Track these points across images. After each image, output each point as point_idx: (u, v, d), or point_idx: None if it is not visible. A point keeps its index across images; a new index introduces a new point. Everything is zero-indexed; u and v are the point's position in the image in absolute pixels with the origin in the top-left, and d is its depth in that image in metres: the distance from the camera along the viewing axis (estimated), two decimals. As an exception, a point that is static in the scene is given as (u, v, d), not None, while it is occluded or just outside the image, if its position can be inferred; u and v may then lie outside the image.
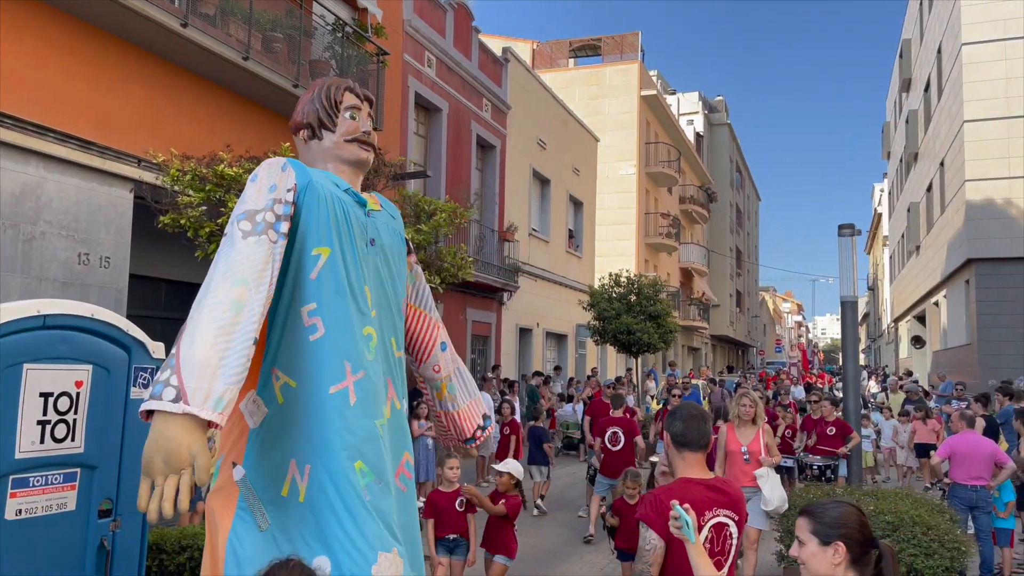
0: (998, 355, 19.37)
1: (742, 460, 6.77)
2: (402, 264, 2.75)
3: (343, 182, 2.61)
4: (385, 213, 2.74)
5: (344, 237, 2.49)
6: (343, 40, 11.00)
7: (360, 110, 2.71)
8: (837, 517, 2.32)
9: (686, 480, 2.94)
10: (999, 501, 7.46)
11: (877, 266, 60.06)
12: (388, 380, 2.57)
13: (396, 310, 2.68)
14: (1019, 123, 19.83)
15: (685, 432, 2.99)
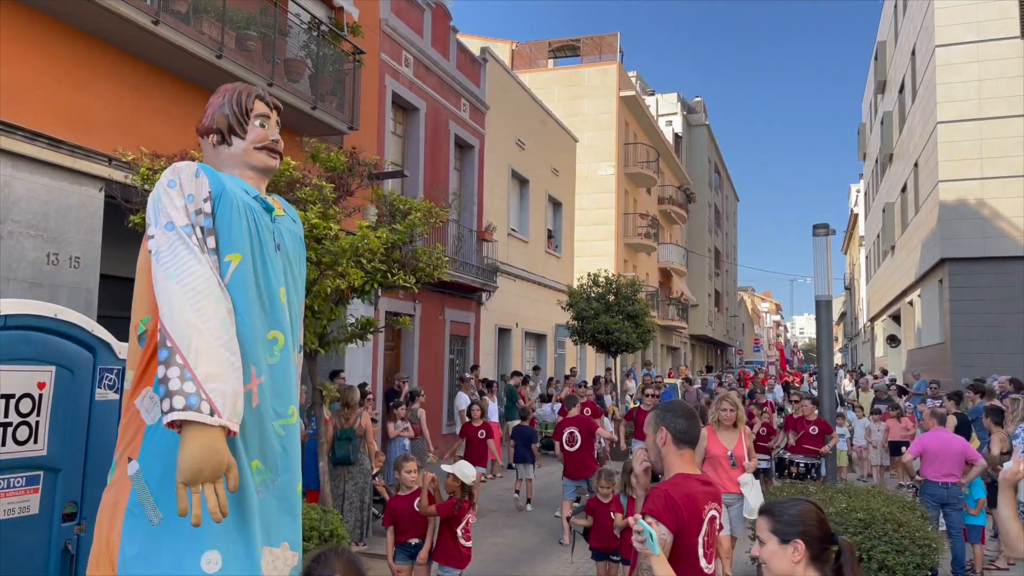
0: (971, 353, 19.62)
1: (728, 464, 6.62)
2: (302, 267, 2.84)
3: (252, 188, 2.69)
4: (287, 218, 2.83)
5: (255, 243, 2.58)
6: (319, 39, 10.93)
7: (269, 118, 2.81)
8: (796, 515, 2.33)
9: (684, 476, 2.98)
10: (970, 498, 7.55)
11: (854, 266, 60.66)
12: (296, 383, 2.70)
13: (297, 313, 2.79)
14: (992, 124, 20.10)
15: (688, 430, 3.04)
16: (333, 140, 11.56)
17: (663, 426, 3.07)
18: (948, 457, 7.30)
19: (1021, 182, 19.67)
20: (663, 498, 2.87)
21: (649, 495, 2.94)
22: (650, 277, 35.88)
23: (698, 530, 2.88)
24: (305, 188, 6.77)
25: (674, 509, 2.83)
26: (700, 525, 2.89)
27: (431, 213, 7.79)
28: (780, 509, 2.39)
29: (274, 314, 2.60)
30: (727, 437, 6.71)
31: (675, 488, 2.91)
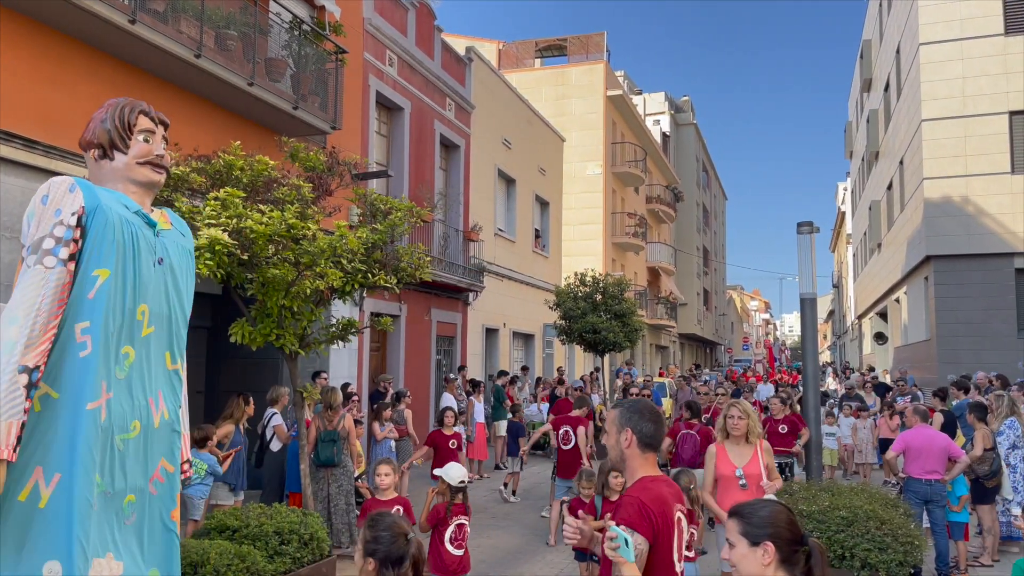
0: (956, 350, 19.71)
1: (737, 487, 5.42)
2: (189, 279, 2.96)
3: (133, 203, 2.79)
4: (175, 231, 2.93)
5: (127, 259, 2.68)
6: (300, 38, 10.85)
7: (154, 133, 2.91)
8: (765, 517, 2.30)
9: (652, 479, 2.90)
10: (952, 495, 7.55)
11: (841, 264, 60.93)
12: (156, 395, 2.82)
13: (179, 324, 2.91)
14: (975, 122, 20.20)
15: (655, 434, 2.95)
16: (316, 140, 11.48)
17: (628, 427, 2.95)
18: (931, 454, 7.29)
19: (1005, 179, 19.77)
20: (637, 506, 2.78)
21: (621, 503, 2.86)
22: (638, 276, 35.91)
23: (671, 533, 2.81)
24: (283, 188, 6.70)
25: (648, 516, 2.76)
26: (672, 528, 2.82)
27: (412, 213, 7.74)
28: (750, 511, 2.35)
29: (129, 330, 2.70)
30: (738, 452, 5.56)
31: (646, 493, 2.83)
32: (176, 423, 2.93)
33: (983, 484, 7.86)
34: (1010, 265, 19.60)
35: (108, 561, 2.60)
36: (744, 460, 5.53)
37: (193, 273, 3.02)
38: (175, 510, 2.91)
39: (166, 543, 2.85)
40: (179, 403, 2.95)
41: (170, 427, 2.89)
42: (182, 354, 2.94)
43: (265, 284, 6.61)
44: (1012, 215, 19.59)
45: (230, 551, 5.39)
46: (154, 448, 2.80)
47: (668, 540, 2.80)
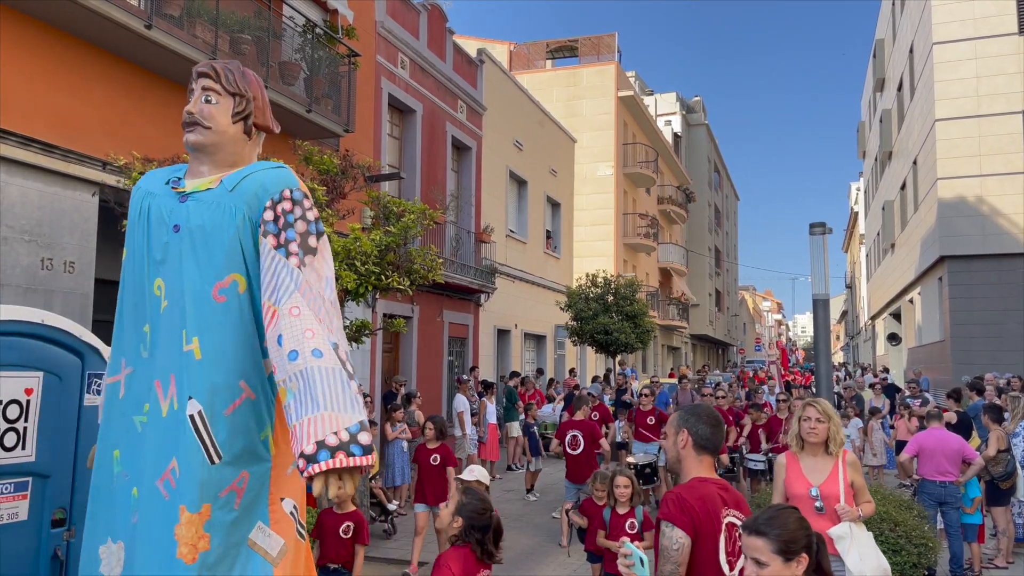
0: (971, 351, 19.59)
1: (812, 509, 4.28)
2: (218, 242, 2.47)
3: (179, 171, 2.64)
4: (221, 189, 2.53)
5: (138, 233, 2.56)
6: (313, 42, 10.92)
7: (192, 92, 2.62)
8: (794, 531, 2.28)
9: (701, 479, 2.93)
10: (966, 497, 7.52)
11: (855, 264, 60.61)
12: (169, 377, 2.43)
13: (195, 299, 2.45)
14: (989, 121, 20.08)
15: (712, 437, 2.99)
16: (329, 143, 11.55)
17: (685, 428, 3.01)
18: (945, 456, 7.27)
19: (1020, 179, 19.64)
20: (677, 501, 2.80)
21: (663, 499, 2.89)
22: (650, 277, 35.86)
23: (716, 534, 2.79)
24: (298, 191, 6.75)
25: (689, 512, 2.76)
26: (719, 529, 2.80)
27: (425, 215, 7.78)
28: (773, 527, 2.29)
29: (146, 307, 2.51)
30: (814, 466, 4.41)
31: (690, 491, 2.85)
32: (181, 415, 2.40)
33: (998, 486, 7.83)
34: (1025, 265, 19.47)
35: (115, 550, 2.44)
36: (821, 476, 4.35)
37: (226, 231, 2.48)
38: (177, 526, 2.37)
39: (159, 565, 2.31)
40: (200, 392, 2.39)
41: (179, 418, 2.39)
42: (195, 333, 2.43)
43: (280, 286, 6.67)
44: (1027, 215, 19.47)
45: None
46: (163, 441, 2.39)
47: (712, 539, 2.78)
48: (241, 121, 2.63)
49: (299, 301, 2.35)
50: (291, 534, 2.52)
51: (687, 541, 2.73)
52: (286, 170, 2.58)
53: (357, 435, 2.17)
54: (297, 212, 2.48)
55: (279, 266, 2.40)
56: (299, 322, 2.30)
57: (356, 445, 2.15)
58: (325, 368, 2.24)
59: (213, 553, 2.32)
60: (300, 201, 2.50)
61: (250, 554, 2.41)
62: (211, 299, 2.43)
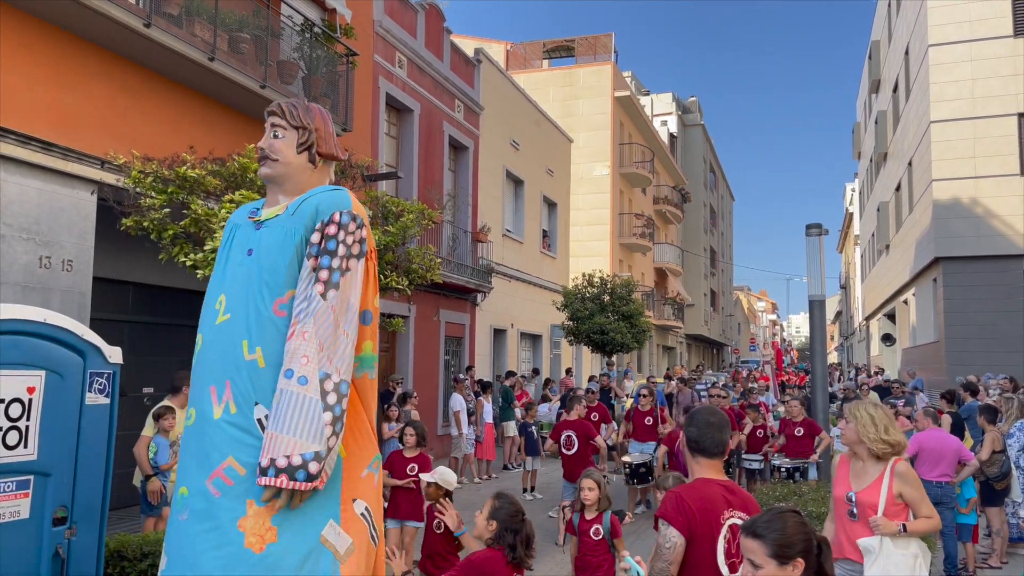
0: (965, 352, 19.66)
1: (845, 514, 4.11)
2: (279, 262, 2.71)
3: (261, 203, 2.95)
4: (285, 215, 2.78)
5: (221, 259, 2.87)
6: (311, 41, 10.92)
7: (265, 131, 2.92)
8: (791, 534, 2.26)
9: (705, 480, 2.95)
10: (961, 497, 7.57)
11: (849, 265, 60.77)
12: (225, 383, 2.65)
13: (259, 313, 2.68)
14: (984, 123, 20.16)
15: (699, 439, 3.01)
16: (327, 142, 11.55)
17: (683, 431, 3.09)
18: (943, 456, 7.32)
19: (1015, 180, 19.73)
20: (675, 501, 2.83)
21: (664, 498, 2.93)
22: (646, 277, 35.91)
23: (715, 535, 2.79)
24: (297, 190, 6.77)
25: (685, 512, 2.78)
26: (718, 531, 2.80)
27: (424, 215, 7.80)
28: (770, 530, 2.28)
29: (205, 318, 2.82)
30: (862, 470, 4.14)
31: (690, 492, 2.87)
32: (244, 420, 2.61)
33: (992, 486, 7.88)
34: (1019, 267, 19.54)
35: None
36: (864, 482, 4.09)
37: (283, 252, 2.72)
38: (243, 519, 2.53)
39: (228, 556, 2.50)
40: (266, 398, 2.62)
41: (240, 422, 2.61)
42: (256, 344, 2.66)
43: (279, 286, 6.68)
44: (1021, 217, 19.54)
45: (245, 549, 5.45)
46: (214, 442, 2.61)
47: (710, 541, 2.79)
48: (305, 151, 2.89)
49: (310, 327, 2.60)
50: (363, 536, 2.72)
51: (680, 541, 2.75)
52: (341, 192, 2.79)
53: (308, 463, 2.47)
54: (340, 236, 2.71)
55: (308, 289, 2.65)
56: (303, 346, 2.57)
57: (302, 471, 2.46)
58: (304, 396, 2.53)
59: (280, 544, 2.52)
60: (345, 225, 2.72)
61: (321, 550, 2.58)
62: (272, 314, 2.68)
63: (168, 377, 8.01)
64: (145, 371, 10.07)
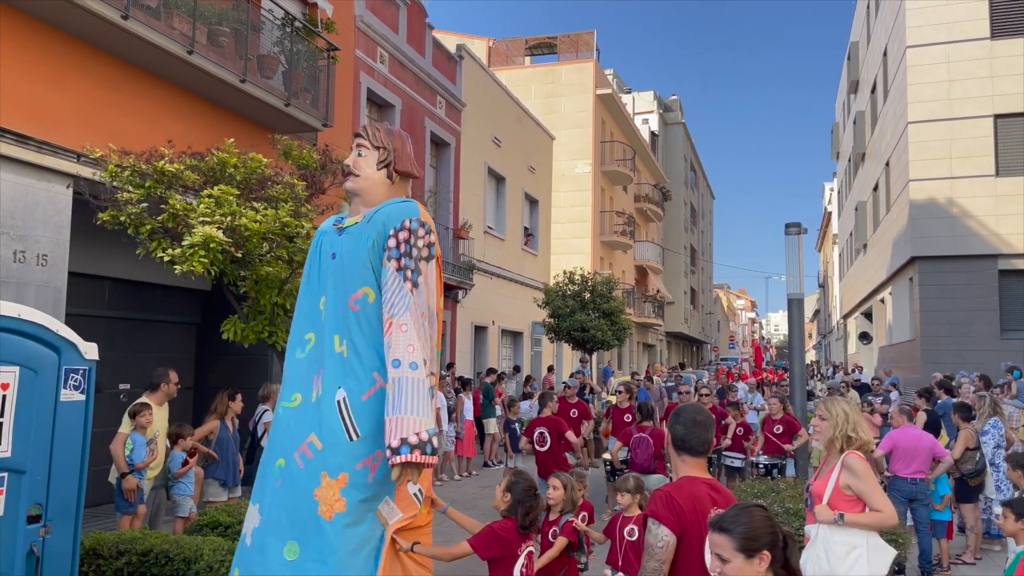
0: (940, 350, 19.92)
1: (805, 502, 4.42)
2: (354, 262, 3.14)
3: (344, 213, 3.42)
4: (363, 222, 3.21)
5: (313, 263, 3.33)
6: (292, 35, 10.84)
7: (352, 150, 3.41)
8: (757, 528, 2.32)
9: (691, 479, 2.97)
10: (935, 494, 7.66)
11: (827, 264, 61.33)
12: (320, 371, 3.16)
13: (345, 309, 3.15)
14: (960, 124, 20.40)
15: (686, 438, 3.02)
16: (307, 137, 11.48)
17: (669, 430, 3.10)
18: (918, 454, 7.40)
19: (989, 181, 19.99)
20: (665, 499, 2.85)
21: (652, 496, 2.93)
22: (626, 275, 36.03)
23: (703, 533, 2.80)
24: (276, 186, 6.72)
25: (676, 511, 2.80)
26: (705, 529, 2.79)
27: (405, 211, 7.77)
28: (738, 525, 2.33)
29: (314, 318, 3.26)
30: (828, 463, 4.32)
31: (678, 490, 2.89)
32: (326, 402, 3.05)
33: (967, 483, 7.98)
34: (993, 267, 19.82)
35: (254, 511, 3.14)
36: (822, 474, 4.27)
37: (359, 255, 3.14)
38: (318, 489, 2.96)
39: (310, 519, 2.95)
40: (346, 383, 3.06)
41: (322, 404, 3.06)
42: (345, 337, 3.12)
43: (258, 282, 6.64)
44: (996, 217, 19.82)
45: (223, 547, 5.41)
46: (306, 421, 3.08)
47: (699, 539, 2.81)
48: (384, 168, 3.32)
49: (407, 319, 3.02)
50: (412, 510, 3.15)
51: (672, 539, 2.77)
52: (410, 204, 3.23)
53: (432, 438, 2.89)
54: (412, 240, 3.12)
55: (397, 287, 3.07)
56: (405, 337, 2.98)
57: (429, 445, 2.88)
58: (416, 379, 2.95)
59: (348, 515, 2.96)
60: (415, 230, 3.13)
61: (377, 523, 3.04)
62: (349, 308, 3.13)
63: (146, 373, 7.93)
64: (122, 367, 9.96)
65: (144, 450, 6.58)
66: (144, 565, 5.30)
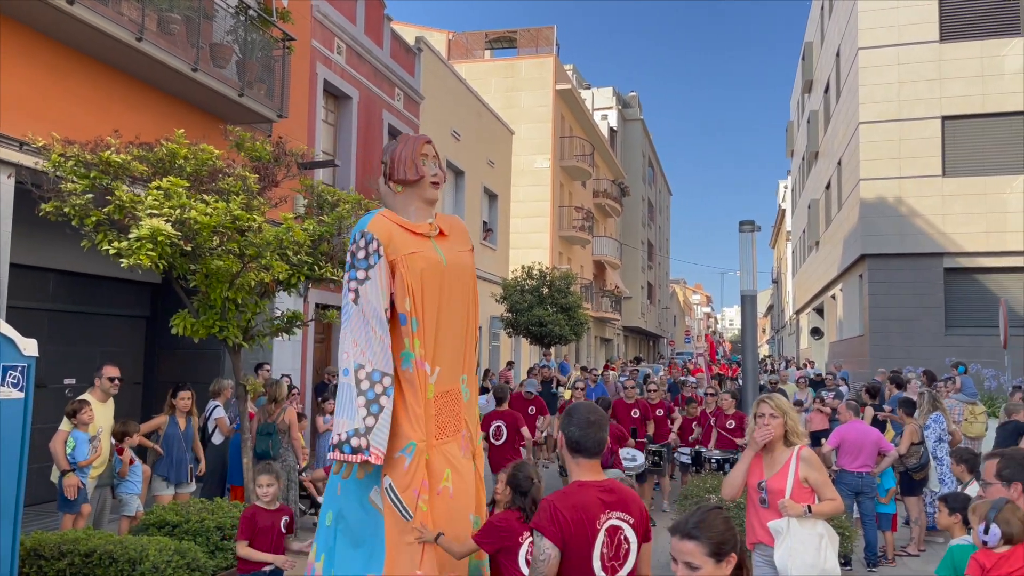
0: (888, 346, 20.41)
1: (757, 501, 4.37)
2: None
3: None
4: None
5: None
6: (246, 24, 10.64)
7: None
8: (723, 532, 2.31)
9: (580, 484, 2.88)
10: (881, 487, 7.84)
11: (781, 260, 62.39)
12: None
13: None
14: (910, 125, 20.88)
15: (581, 440, 2.91)
16: (261, 128, 11.29)
17: (562, 431, 2.98)
18: (864, 448, 7.57)
19: (936, 181, 20.51)
20: (548, 511, 2.76)
21: (538, 507, 2.86)
22: (584, 270, 36.22)
23: (590, 541, 2.75)
24: (228, 178, 6.59)
25: (558, 522, 2.72)
26: (593, 536, 2.76)
27: (360, 205, 7.69)
28: (704, 529, 2.30)
29: None
30: (773, 459, 4.35)
31: (563, 499, 2.80)
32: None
33: (911, 476, 8.19)
34: (939, 264, 20.36)
35: None
36: (774, 470, 4.29)
37: None
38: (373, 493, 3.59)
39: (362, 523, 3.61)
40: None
41: None
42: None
43: (209, 276, 6.50)
44: (942, 217, 20.35)
45: (170, 547, 5.31)
46: None
47: (585, 547, 2.74)
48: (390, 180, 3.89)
49: (346, 329, 3.51)
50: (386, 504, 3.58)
51: (555, 552, 2.70)
52: (365, 217, 3.66)
53: (350, 439, 3.40)
54: (352, 251, 3.56)
55: (344, 299, 3.58)
56: (343, 345, 3.48)
57: (347, 445, 3.40)
58: (345, 384, 3.46)
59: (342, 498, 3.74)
60: (356, 241, 3.57)
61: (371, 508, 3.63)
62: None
63: (93, 367, 7.74)
64: (67, 361, 9.71)
65: (87, 447, 6.42)
66: (87, 566, 5.18)
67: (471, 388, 4.04)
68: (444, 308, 3.80)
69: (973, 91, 20.25)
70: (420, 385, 3.63)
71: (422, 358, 3.65)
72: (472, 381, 4.05)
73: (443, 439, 3.77)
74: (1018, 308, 19.22)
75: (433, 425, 3.71)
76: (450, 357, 3.83)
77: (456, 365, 3.88)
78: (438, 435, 3.74)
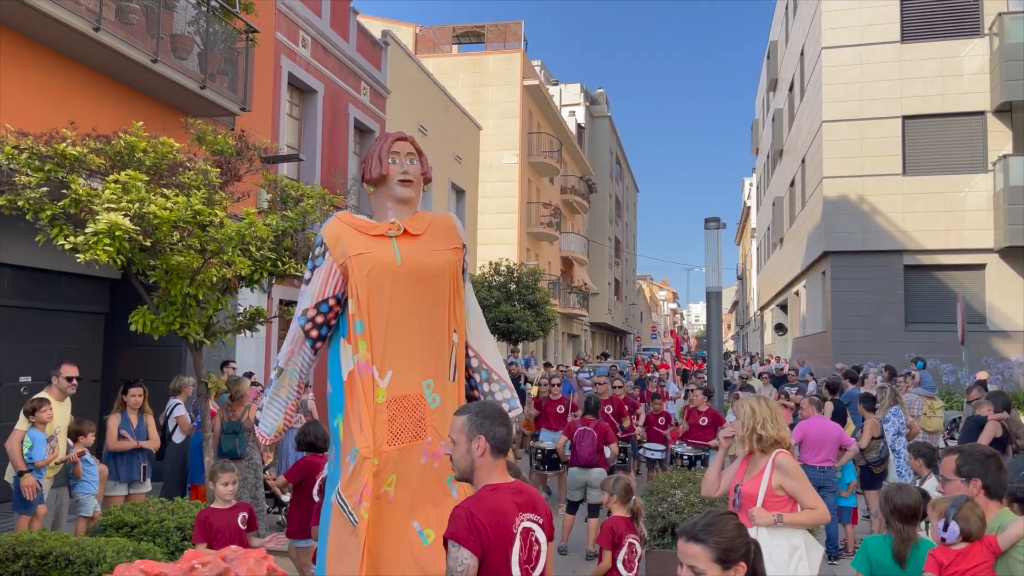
0: (850, 342, 20.75)
1: (731, 505, 4.24)
2: None
3: None
4: None
5: None
6: (208, 15, 10.45)
7: None
8: (733, 538, 2.25)
9: (493, 488, 2.77)
10: (842, 482, 7.96)
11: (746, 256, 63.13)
12: None
13: None
14: (871, 124, 21.23)
15: (507, 438, 2.83)
16: (224, 122, 11.11)
17: (482, 435, 2.80)
18: (825, 443, 7.67)
19: (896, 180, 20.88)
20: (466, 518, 2.64)
21: (452, 515, 2.71)
22: (552, 266, 36.29)
23: (508, 546, 2.69)
24: (189, 172, 6.47)
25: (476, 530, 2.63)
26: (511, 540, 2.70)
27: (325, 200, 7.60)
28: (712, 534, 2.24)
29: None
30: (754, 463, 4.20)
31: (479, 505, 2.71)
32: None
33: (872, 470, 8.32)
34: (899, 262, 20.74)
35: None
36: (751, 475, 4.15)
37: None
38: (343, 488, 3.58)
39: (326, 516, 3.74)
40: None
41: None
42: None
43: (169, 271, 6.38)
44: (902, 215, 20.72)
45: (128, 548, 5.20)
46: None
47: (504, 552, 2.68)
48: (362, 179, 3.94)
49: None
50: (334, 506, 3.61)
51: (474, 562, 2.61)
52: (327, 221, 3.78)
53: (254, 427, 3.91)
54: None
55: None
56: None
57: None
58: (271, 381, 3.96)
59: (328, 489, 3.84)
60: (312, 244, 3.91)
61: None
62: None
63: (50, 365, 7.57)
64: (23, 359, 9.48)
65: (44, 447, 6.27)
66: (43, 568, 5.06)
67: (443, 393, 3.73)
68: (399, 310, 3.61)
69: (933, 91, 20.64)
70: (366, 390, 3.53)
71: (368, 362, 3.51)
72: (444, 386, 3.74)
73: (397, 445, 3.55)
74: (975, 305, 19.66)
75: (385, 431, 3.53)
76: (407, 361, 3.62)
77: (415, 369, 3.64)
78: (391, 441, 3.53)
